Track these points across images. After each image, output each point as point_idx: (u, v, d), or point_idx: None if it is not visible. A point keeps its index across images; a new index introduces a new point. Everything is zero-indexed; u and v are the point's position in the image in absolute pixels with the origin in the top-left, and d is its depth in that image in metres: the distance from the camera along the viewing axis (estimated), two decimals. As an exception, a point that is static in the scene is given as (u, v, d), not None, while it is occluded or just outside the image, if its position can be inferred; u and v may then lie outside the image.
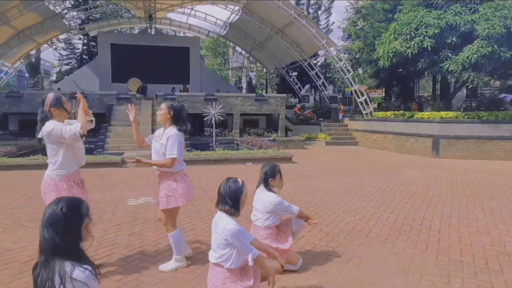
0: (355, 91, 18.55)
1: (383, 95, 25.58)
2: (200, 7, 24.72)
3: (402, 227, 4.84)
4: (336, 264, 3.62)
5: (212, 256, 2.58)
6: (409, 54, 13.15)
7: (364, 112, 18.19)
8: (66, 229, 1.63)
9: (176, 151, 3.37)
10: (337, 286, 3.16)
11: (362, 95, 18.26)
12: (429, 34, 12.73)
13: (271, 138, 15.48)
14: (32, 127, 14.39)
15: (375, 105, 25.15)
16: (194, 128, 15.89)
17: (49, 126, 3.05)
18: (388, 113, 16.17)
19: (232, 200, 2.55)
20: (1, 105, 15.62)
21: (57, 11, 23.48)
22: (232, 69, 38.97)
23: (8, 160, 10.00)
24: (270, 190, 3.39)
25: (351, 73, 18.54)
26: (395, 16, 15.06)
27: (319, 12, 27.49)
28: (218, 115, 14.31)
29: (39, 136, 3.14)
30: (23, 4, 19.16)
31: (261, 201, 3.33)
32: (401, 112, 15.77)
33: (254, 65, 33.43)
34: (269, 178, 3.38)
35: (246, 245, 2.52)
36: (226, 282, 2.51)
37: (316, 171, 9.48)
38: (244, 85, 32.64)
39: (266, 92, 28.54)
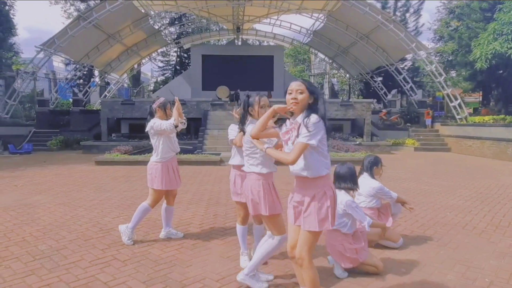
0: (448, 95, 17.68)
1: (480, 99, 23.72)
2: (285, 16, 25.79)
3: (500, 223, 4.95)
4: (433, 247, 3.99)
5: None
6: (511, 55, 12.35)
7: (458, 117, 17.24)
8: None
9: None
10: (436, 262, 3.56)
11: (456, 99, 17.34)
12: (535, 32, 11.85)
13: (357, 143, 15.62)
14: (140, 130, 16.71)
15: (471, 110, 23.45)
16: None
17: (152, 122, 4.19)
18: (486, 117, 15.17)
19: (351, 178, 3.21)
20: (117, 111, 18.25)
21: (156, 27, 26.53)
22: (314, 75, 39.40)
23: (129, 157, 11.89)
24: (372, 177, 3.93)
25: (443, 77, 17.74)
26: (495, 15, 14.20)
27: (407, 14, 26.63)
28: (305, 119, 14.92)
29: (146, 129, 4.27)
30: (134, 24, 22.18)
31: (365, 186, 3.88)
32: (502, 116, 14.69)
33: (336, 71, 33.44)
34: (373, 166, 3.93)
35: (361, 214, 3.13)
36: (343, 243, 3.14)
37: (406, 174, 9.54)
38: (326, 91, 32.83)
39: (349, 98, 28.40)
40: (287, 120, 2.53)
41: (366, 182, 3.92)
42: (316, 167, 2.40)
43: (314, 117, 2.30)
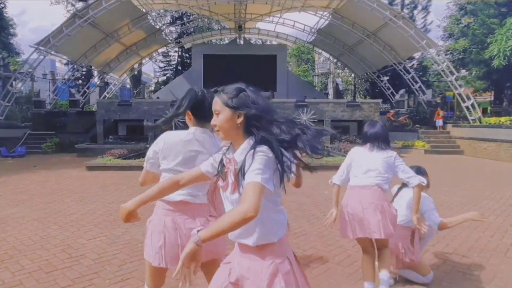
0: (460, 95, 16.84)
1: (492, 98, 22.80)
2: (288, 14, 25.02)
3: (547, 248, 4.15)
4: (475, 283, 3.21)
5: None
6: (531, 52, 11.53)
7: (471, 118, 16.39)
8: None
9: None
10: (484, 309, 2.79)
11: (469, 99, 16.50)
12: (558, 27, 11.02)
13: (365, 145, 14.82)
14: (137, 132, 15.97)
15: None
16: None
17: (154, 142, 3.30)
18: (503, 118, 14.34)
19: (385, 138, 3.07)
20: (113, 113, 17.58)
21: (157, 27, 25.92)
22: (318, 75, 38.60)
23: (123, 161, 11.18)
24: None
25: (455, 75, 16.88)
26: (513, 9, 13.36)
27: (415, 11, 25.75)
28: (309, 121, 14.20)
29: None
30: (132, 22, 21.49)
31: (407, 198, 3.19)
32: (519, 117, 13.87)
33: (341, 71, 32.63)
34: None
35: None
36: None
37: (421, 181, 8.73)
38: (330, 91, 32.03)
39: (354, 98, 27.58)
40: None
41: (409, 195, 3.17)
42: (267, 229, 1.49)
43: (260, 148, 1.42)
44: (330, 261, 3.76)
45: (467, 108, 16.60)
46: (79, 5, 28.62)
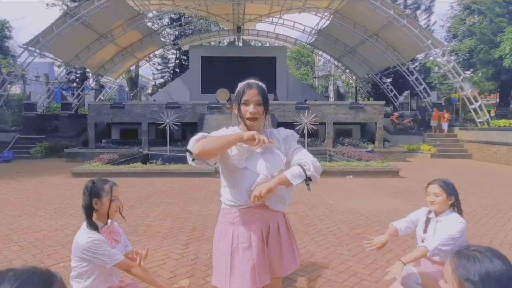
0: (467, 97, 16.15)
1: (497, 101, 22.10)
2: (288, 15, 24.45)
3: None
4: None
5: None
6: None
7: (478, 120, 15.70)
8: None
9: None
10: None
11: (476, 100, 15.81)
12: None
13: (369, 149, 14.12)
14: (131, 136, 15.10)
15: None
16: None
17: None
18: (513, 121, 13.66)
19: None
20: (106, 116, 16.85)
21: (155, 29, 25.33)
22: (318, 77, 37.98)
23: (112, 167, 10.45)
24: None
25: (461, 76, 16.20)
26: (524, 6, 12.71)
27: (418, 12, 25.05)
28: (311, 124, 13.48)
29: None
30: (127, 23, 20.82)
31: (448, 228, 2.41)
32: (531, 120, 13.18)
33: (342, 72, 31.99)
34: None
35: None
36: None
37: (434, 189, 8.01)
38: (331, 93, 31.37)
39: (356, 100, 26.92)
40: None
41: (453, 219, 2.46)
42: None
43: None
44: (343, 296, 3.03)
45: (475, 110, 15.91)
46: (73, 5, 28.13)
